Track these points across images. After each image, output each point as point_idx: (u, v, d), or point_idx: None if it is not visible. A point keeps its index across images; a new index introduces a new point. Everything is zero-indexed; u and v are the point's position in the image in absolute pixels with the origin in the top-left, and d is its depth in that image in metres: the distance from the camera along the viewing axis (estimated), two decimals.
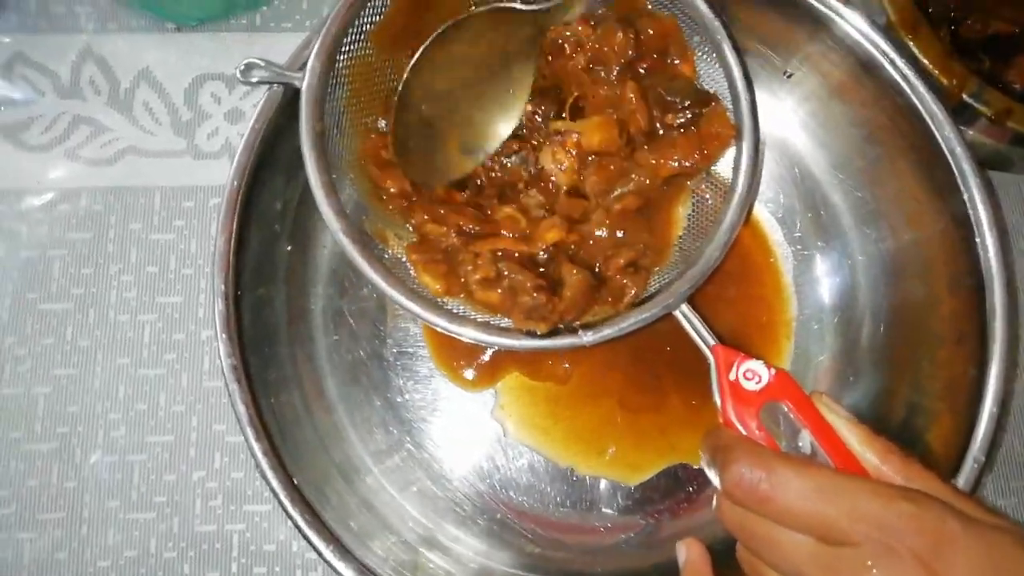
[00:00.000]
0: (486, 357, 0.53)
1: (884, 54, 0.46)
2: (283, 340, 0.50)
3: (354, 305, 0.53)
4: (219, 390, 0.53)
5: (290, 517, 0.41)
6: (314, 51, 0.41)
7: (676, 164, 0.44)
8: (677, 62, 0.45)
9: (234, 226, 0.43)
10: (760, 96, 0.54)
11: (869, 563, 0.31)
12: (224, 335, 0.42)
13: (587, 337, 0.40)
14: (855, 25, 0.47)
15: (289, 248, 0.50)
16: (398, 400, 0.53)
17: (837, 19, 0.47)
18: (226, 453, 0.52)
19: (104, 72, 0.58)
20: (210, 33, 0.59)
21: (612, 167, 0.44)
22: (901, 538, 0.31)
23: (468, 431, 0.52)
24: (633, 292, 0.42)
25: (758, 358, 0.39)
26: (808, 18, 0.48)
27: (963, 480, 0.42)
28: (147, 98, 0.58)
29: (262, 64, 0.41)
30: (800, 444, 0.37)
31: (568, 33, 0.45)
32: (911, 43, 0.48)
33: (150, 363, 0.54)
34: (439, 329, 0.40)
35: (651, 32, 0.45)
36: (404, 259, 0.42)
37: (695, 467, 0.52)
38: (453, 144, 0.45)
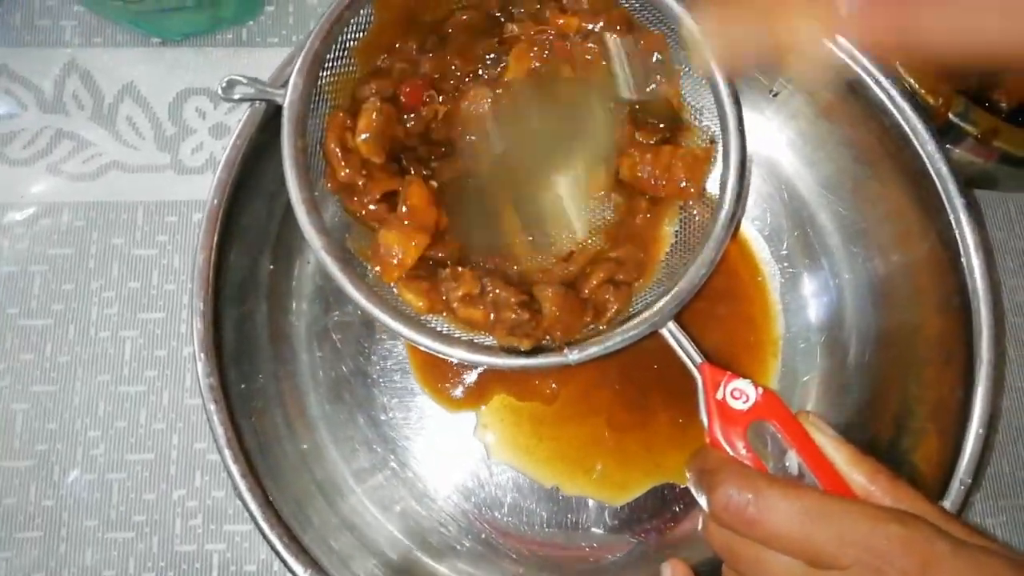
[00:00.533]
0: (472, 378, 0.52)
1: (870, 74, 0.46)
2: (265, 357, 0.49)
3: (338, 322, 0.53)
4: (200, 408, 0.52)
5: (268, 541, 0.40)
6: (296, 68, 0.41)
7: (646, 175, 0.43)
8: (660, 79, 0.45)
9: (214, 243, 0.43)
10: (747, 114, 0.54)
11: None
12: (203, 354, 0.41)
13: (572, 355, 0.40)
14: (842, 45, 0.47)
15: (272, 265, 0.50)
16: (382, 418, 0.52)
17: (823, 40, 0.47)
18: (207, 472, 0.52)
19: (88, 86, 0.58)
20: (195, 48, 0.59)
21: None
22: (890, 560, 0.31)
23: (453, 449, 0.52)
24: (615, 308, 0.42)
25: (745, 377, 0.39)
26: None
27: (950, 502, 0.41)
28: (131, 113, 0.58)
29: (244, 81, 0.41)
30: (787, 464, 0.37)
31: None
32: (897, 63, 0.48)
33: (131, 380, 0.53)
34: (423, 348, 0.40)
35: (641, 44, 0.45)
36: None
37: (682, 487, 0.51)
38: (506, 211, 0.44)
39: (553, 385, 0.52)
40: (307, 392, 0.51)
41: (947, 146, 0.46)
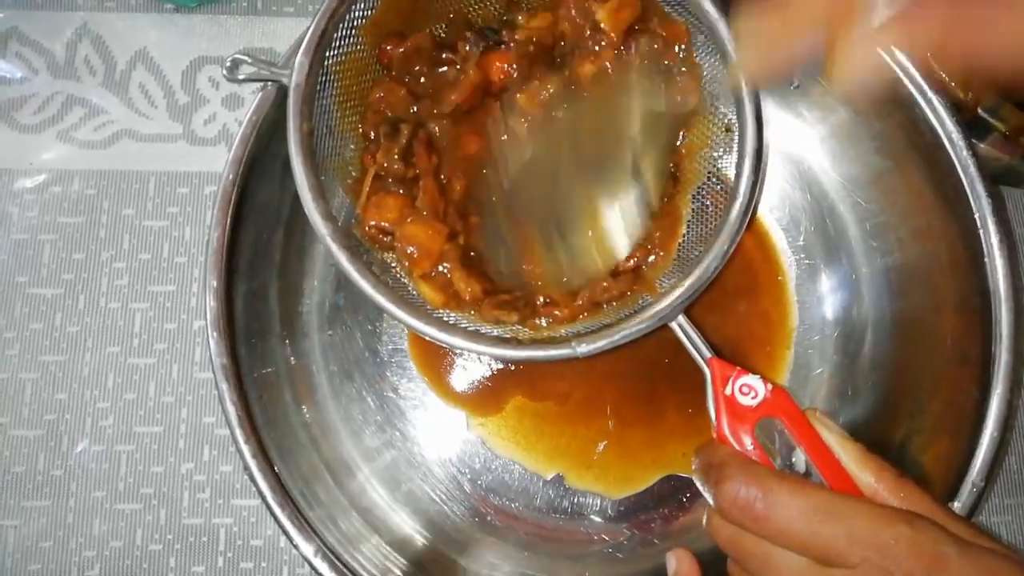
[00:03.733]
0: (483, 378, 0.52)
1: (899, 64, 0.45)
2: (276, 335, 0.49)
3: (350, 300, 0.53)
4: (210, 382, 0.52)
5: (277, 520, 0.40)
6: (302, 47, 0.39)
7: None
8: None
9: (228, 220, 0.42)
10: (770, 103, 0.53)
11: None
12: (215, 332, 0.41)
13: (581, 348, 0.39)
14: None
15: (285, 241, 0.49)
16: (391, 398, 0.52)
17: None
18: (215, 446, 0.52)
19: (100, 52, 0.57)
20: (210, 15, 0.58)
21: None
22: (897, 561, 0.31)
23: (460, 432, 0.52)
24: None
25: (755, 372, 0.38)
26: None
27: (961, 504, 0.41)
28: (143, 80, 0.57)
29: (249, 60, 0.40)
30: (794, 461, 0.37)
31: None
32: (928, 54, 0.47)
33: (140, 352, 0.53)
34: (428, 338, 0.39)
35: (663, 35, 0.44)
36: (394, 264, 0.41)
37: (688, 476, 0.51)
38: (533, 237, 0.43)
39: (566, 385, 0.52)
40: (317, 371, 0.51)
41: (973, 140, 0.45)
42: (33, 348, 0.52)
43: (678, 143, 0.44)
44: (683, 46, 0.43)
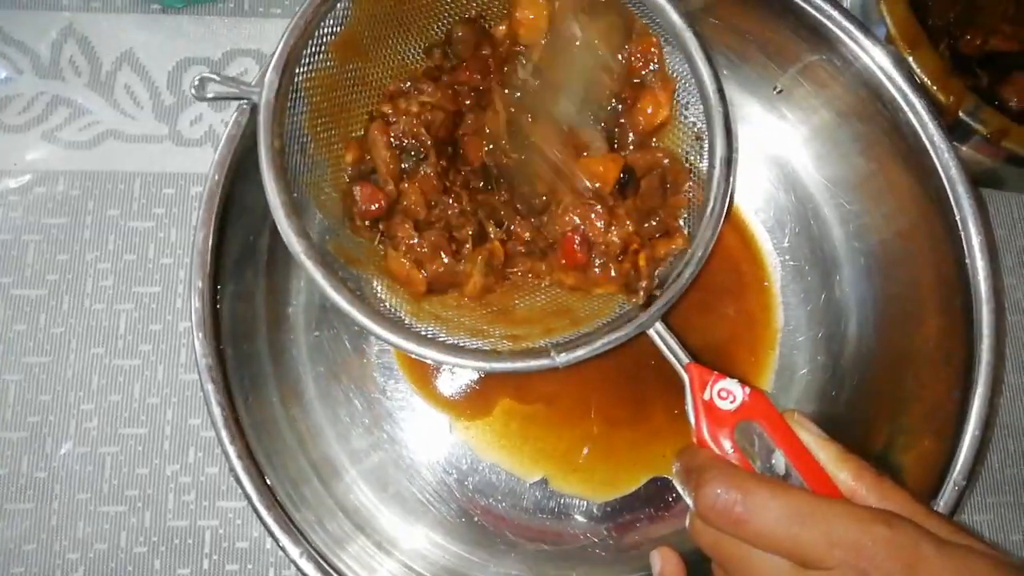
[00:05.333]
0: (471, 382, 0.52)
1: (882, 69, 0.46)
2: (262, 336, 0.49)
3: None
4: (195, 383, 0.52)
5: (263, 522, 0.40)
6: (271, 64, 0.39)
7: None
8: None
9: (214, 221, 0.42)
10: (755, 107, 0.54)
11: None
12: (200, 333, 0.41)
13: (560, 358, 0.39)
14: (855, 39, 0.46)
15: (271, 242, 0.49)
16: (379, 399, 0.52)
17: (837, 32, 0.46)
18: (201, 448, 0.52)
19: (85, 52, 0.57)
20: (196, 16, 0.58)
21: None
22: (876, 562, 0.31)
23: (447, 433, 0.52)
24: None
25: (740, 374, 0.39)
26: (808, 31, 0.47)
27: (943, 503, 0.42)
28: (129, 81, 0.56)
29: (217, 79, 0.40)
30: (774, 464, 0.37)
31: None
32: (910, 58, 0.47)
33: (125, 353, 0.53)
34: (406, 352, 0.39)
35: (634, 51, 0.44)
36: (375, 282, 0.41)
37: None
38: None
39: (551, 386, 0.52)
40: (304, 372, 0.51)
41: (954, 143, 0.46)
42: (17, 349, 0.52)
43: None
44: (655, 62, 0.44)
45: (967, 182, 0.44)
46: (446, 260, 0.41)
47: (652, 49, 0.44)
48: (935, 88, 0.47)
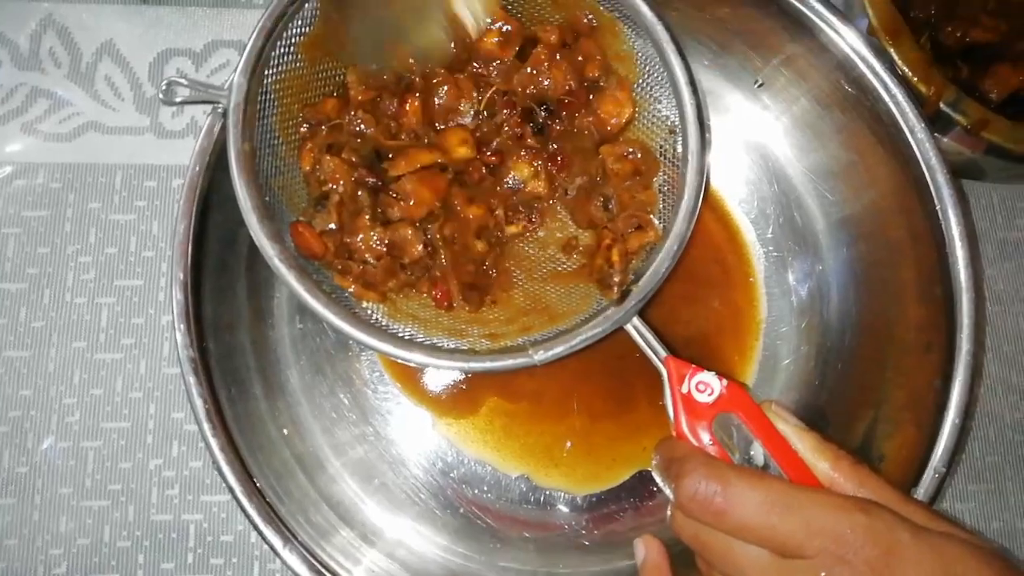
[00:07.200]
0: (456, 381, 0.52)
1: (864, 60, 0.46)
2: (245, 328, 0.49)
3: None
4: (178, 377, 0.51)
5: (246, 513, 0.40)
6: (239, 67, 0.39)
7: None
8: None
9: (194, 212, 0.42)
10: (738, 98, 0.54)
11: (823, 575, 0.32)
12: (182, 325, 0.41)
13: (538, 356, 0.39)
14: (837, 30, 0.46)
15: None
16: (363, 391, 0.52)
17: (819, 23, 0.46)
18: (184, 442, 0.51)
19: (65, 43, 0.56)
20: (178, 7, 0.57)
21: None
22: (854, 550, 0.32)
23: (432, 425, 0.52)
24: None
25: (723, 365, 0.39)
26: (790, 21, 0.47)
27: (923, 491, 0.42)
28: (109, 72, 0.56)
29: (185, 83, 0.39)
30: (753, 455, 0.37)
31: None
32: (891, 49, 0.47)
33: (107, 347, 0.52)
34: (384, 354, 0.39)
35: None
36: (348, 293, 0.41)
37: None
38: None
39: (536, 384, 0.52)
40: (288, 365, 0.51)
41: (935, 134, 0.46)
42: None
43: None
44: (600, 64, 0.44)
45: (947, 172, 0.44)
46: (400, 277, 0.42)
47: (594, 52, 0.44)
48: (916, 79, 0.48)
